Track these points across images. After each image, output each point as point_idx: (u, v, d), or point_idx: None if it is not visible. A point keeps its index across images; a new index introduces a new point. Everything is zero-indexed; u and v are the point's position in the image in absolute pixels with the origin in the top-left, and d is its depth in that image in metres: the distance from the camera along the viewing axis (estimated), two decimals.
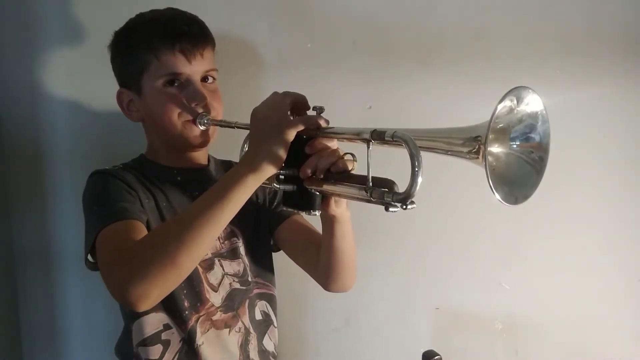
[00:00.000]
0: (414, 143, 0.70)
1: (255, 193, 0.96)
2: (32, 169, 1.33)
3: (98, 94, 1.31)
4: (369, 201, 0.77)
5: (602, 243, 1.53)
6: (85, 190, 0.99)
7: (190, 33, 1.01)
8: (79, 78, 1.31)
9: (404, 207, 0.71)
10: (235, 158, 1.05)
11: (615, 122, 1.50)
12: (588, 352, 1.54)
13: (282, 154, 0.81)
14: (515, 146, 0.73)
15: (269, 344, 1.12)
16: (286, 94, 0.86)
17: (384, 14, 1.41)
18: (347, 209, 0.93)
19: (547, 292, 1.52)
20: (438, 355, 1.03)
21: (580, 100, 1.47)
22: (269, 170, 0.82)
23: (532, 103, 0.71)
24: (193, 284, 1.00)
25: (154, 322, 0.99)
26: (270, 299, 1.14)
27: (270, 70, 1.38)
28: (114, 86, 1.08)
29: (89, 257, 0.94)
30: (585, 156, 1.47)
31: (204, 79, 1.04)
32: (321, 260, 1.03)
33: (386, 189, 0.75)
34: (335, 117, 0.86)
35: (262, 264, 1.14)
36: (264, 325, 1.11)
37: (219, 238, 1.06)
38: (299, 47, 1.38)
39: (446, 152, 0.73)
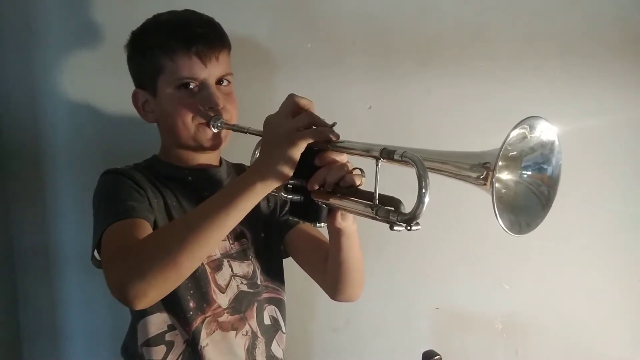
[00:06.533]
0: (422, 165, 0.69)
1: (267, 197, 0.95)
2: (32, 169, 1.33)
3: (98, 94, 1.31)
4: (374, 218, 0.76)
5: (602, 243, 1.53)
6: (96, 189, 0.99)
7: (207, 36, 1.01)
8: (80, 78, 1.31)
9: (408, 228, 0.70)
10: (247, 162, 1.04)
11: (615, 122, 1.50)
12: (588, 352, 1.54)
13: (291, 165, 0.80)
14: (526, 176, 0.71)
15: (277, 349, 1.11)
16: (307, 113, 0.82)
17: (384, 14, 1.40)
18: (353, 222, 0.93)
19: (547, 292, 1.51)
20: (438, 355, 1.03)
21: (579, 100, 1.47)
22: (277, 180, 0.81)
23: (546, 132, 0.69)
24: (200, 284, 1.00)
25: (158, 323, 0.99)
26: (280, 304, 1.13)
27: (270, 71, 1.38)
28: (115, 86, 1.08)
29: (96, 255, 0.93)
30: (585, 156, 1.46)
31: (219, 81, 1.04)
32: (328, 272, 1.03)
33: (392, 208, 0.74)
34: (335, 118, 0.86)
35: (273, 268, 1.13)
36: (272, 331, 1.10)
37: (228, 239, 1.06)
38: (299, 47, 1.38)
39: (454, 175, 0.72)
